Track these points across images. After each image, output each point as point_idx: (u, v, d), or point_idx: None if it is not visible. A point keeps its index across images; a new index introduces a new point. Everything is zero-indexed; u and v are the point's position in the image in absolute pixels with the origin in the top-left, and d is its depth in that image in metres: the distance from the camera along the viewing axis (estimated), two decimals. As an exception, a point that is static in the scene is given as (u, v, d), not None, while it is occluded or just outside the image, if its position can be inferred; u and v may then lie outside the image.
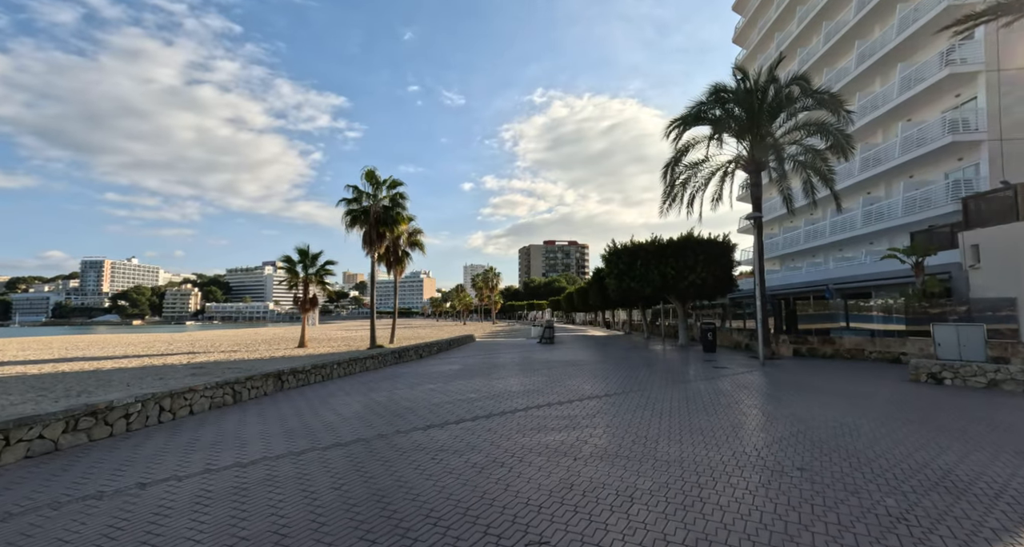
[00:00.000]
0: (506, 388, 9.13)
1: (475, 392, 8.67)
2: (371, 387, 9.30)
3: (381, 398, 8.13)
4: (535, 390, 8.87)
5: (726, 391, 8.65)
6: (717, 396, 8.11)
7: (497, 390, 8.90)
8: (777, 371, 11.43)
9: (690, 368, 12.32)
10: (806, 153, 14.39)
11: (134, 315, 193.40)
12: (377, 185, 24.62)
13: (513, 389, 9.02)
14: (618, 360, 14.53)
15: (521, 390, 8.90)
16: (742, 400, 7.81)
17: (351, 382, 10.08)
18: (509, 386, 9.41)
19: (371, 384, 9.76)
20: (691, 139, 16.25)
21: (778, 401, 7.66)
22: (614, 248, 21.44)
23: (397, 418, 6.54)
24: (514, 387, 9.28)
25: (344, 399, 8.06)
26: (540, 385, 9.50)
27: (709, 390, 8.74)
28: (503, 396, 8.25)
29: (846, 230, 26.24)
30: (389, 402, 7.72)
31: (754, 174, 15.23)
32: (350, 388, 9.19)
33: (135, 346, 28.39)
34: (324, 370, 10.05)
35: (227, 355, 21.35)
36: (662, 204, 17.52)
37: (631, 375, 10.90)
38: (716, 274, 19.28)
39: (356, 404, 7.55)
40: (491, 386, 9.41)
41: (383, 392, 8.76)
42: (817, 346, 15.20)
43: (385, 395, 8.39)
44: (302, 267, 27.03)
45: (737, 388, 9.01)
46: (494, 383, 9.84)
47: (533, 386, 9.38)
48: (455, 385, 9.62)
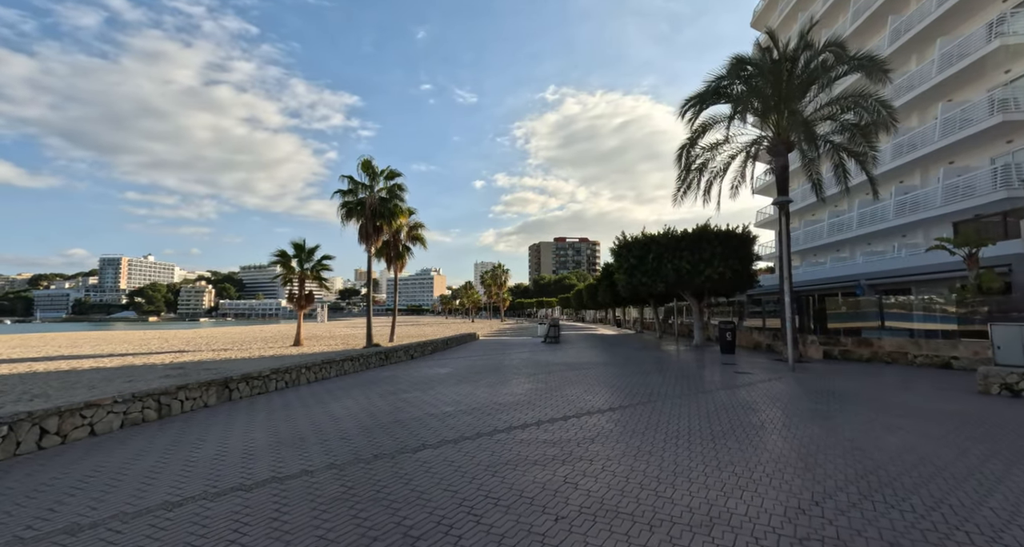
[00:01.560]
0: (492, 399, 7.77)
1: (454, 404, 7.32)
2: (335, 397, 8.01)
3: (339, 412, 6.83)
4: (527, 402, 7.50)
5: (756, 404, 7.18)
6: (746, 412, 6.66)
7: (480, 402, 7.54)
8: (811, 378, 9.90)
9: (709, 373, 10.85)
10: (843, 130, 12.70)
11: (150, 312, 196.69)
12: (374, 176, 23.43)
13: (501, 400, 7.67)
14: (627, 363, 13.10)
15: (510, 402, 7.54)
16: (778, 418, 6.34)
17: (317, 390, 8.82)
18: (497, 396, 8.05)
19: (338, 393, 8.48)
20: (708, 119, 14.66)
21: (825, 420, 6.17)
22: (624, 241, 19.93)
23: (343, 444, 5.20)
24: (503, 398, 7.92)
25: (291, 415, 6.77)
26: (534, 395, 8.13)
27: (734, 402, 7.29)
28: (486, 410, 6.89)
29: (875, 222, 24.39)
30: (345, 419, 6.41)
31: (781, 156, 13.61)
32: (310, 399, 7.91)
33: (130, 344, 27.69)
34: (288, 375, 8.81)
35: (216, 354, 20.40)
36: (676, 192, 15.97)
37: (641, 381, 9.47)
38: (735, 268, 17.68)
39: (303, 421, 6.25)
40: (476, 396, 8.07)
41: (346, 404, 7.47)
42: (851, 348, 13.57)
43: (345, 409, 7.09)
44: (297, 262, 25.99)
45: (769, 400, 7.53)
46: (481, 392, 8.50)
47: (525, 396, 8.01)
48: (436, 394, 8.29)
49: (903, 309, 15.06)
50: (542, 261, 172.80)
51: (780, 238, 12.86)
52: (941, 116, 19.95)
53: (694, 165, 15.10)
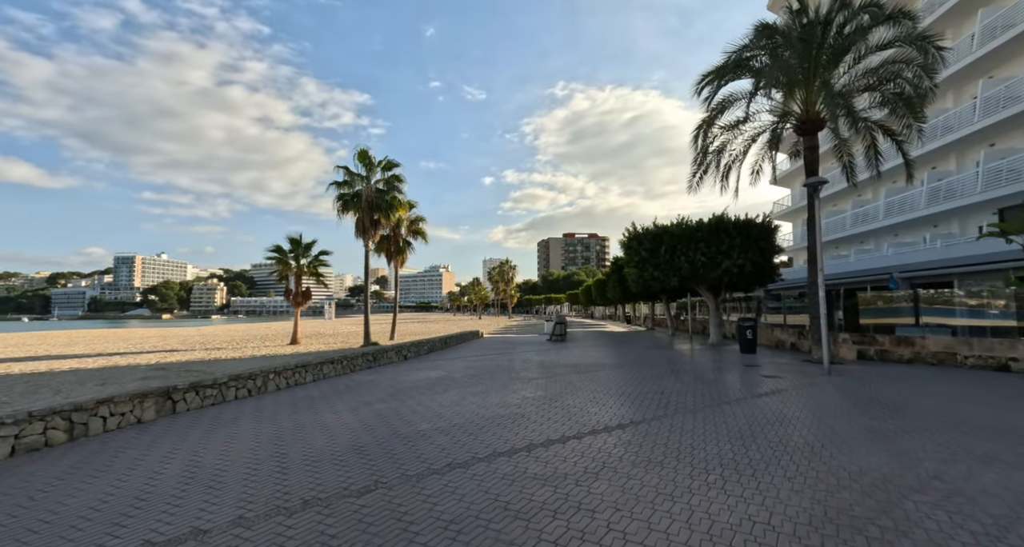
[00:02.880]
0: (480, 412, 6.62)
1: (433, 420, 6.18)
2: (297, 410, 6.90)
3: (289, 433, 5.71)
4: (521, 415, 6.34)
5: (795, 419, 5.94)
6: (785, 429, 5.42)
7: (466, 416, 6.39)
8: (851, 383, 8.60)
9: (730, 376, 9.60)
10: (883, 104, 11.23)
11: (163, 309, 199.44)
12: (371, 167, 22.36)
13: (491, 413, 6.51)
14: (638, 364, 11.87)
15: (502, 415, 6.38)
16: (829, 439, 5.09)
17: (283, 400, 7.74)
18: (487, 408, 6.90)
19: (303, 405, 7.38)
20: (727, 97, 13.28)
21: (890, 443, 4.91)
22: (635, 232, 18.61)
23: (267, 485, 4.01)
24: (493, 409, 6.76)
25: (234, 434, 5.66)
26: (531, 406, 6.97)
27: (768, 416, 6.05)
28: (469, 428, 5.74)
29: (904, 211, 22.81)
30: (292, 442, 5.27)
31: (809, 135, 12.22)
32: (267, 412, 6.82)
33: (126, 342, 27.08)
34: (252, 382, 7.74)
35: (207, 354, 19.62)
36: (691, 177, 14.62)
37: (654, 387, 8.26)
38: (755, 261, 16.31)
39: (239, 447, 5.11)
40: (462, 408, 6.92)
41: (304, 420, 6.35)
42: (889, 348, 12.18)
43: (299, 427, 5.97)
44: (294, 257, 25.09)
45: (810, 413, 6.27)
46: (469, 402, 7.35)
47: (520, 408, 6.84)
48: (417, 405, 7.16)
49: (945, 303, 13.62)
50: (551, 257, 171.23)
51: (813, 225, 11.52)
52: (982, 94, 18.29)
53: (711, 148, 13.74)
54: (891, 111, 11.00)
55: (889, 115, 11.55)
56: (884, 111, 11.80)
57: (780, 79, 12.16)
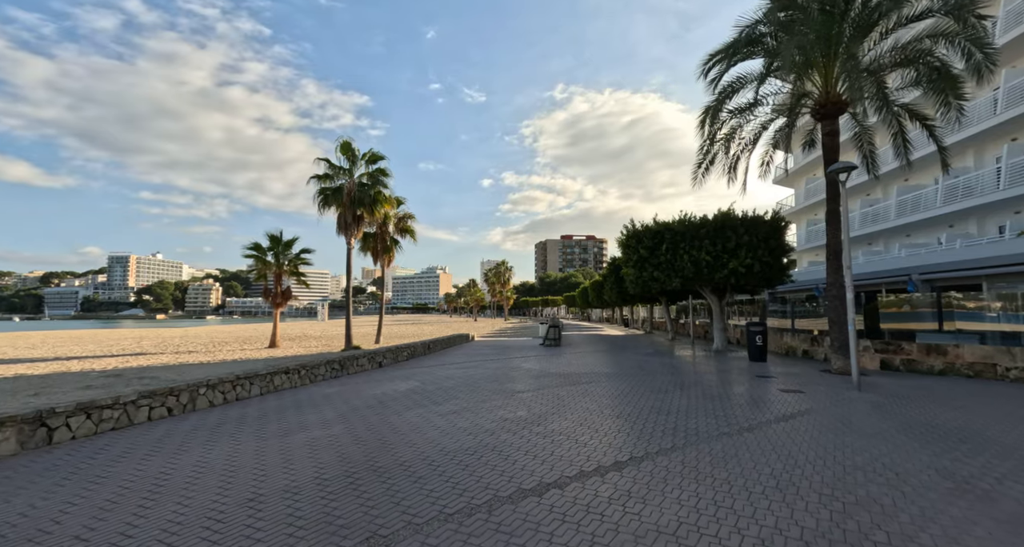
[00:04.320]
0: (438, 442, 5.29)
1: (374, 456, 4.85)
2: (218, 436, 5.56)
3: (181, 475, 4.39)
4: (489, 448, 5.01)
5: (844, 459, 4.62)
6: (835, 472, 4.11)
7: (418, 449, 5.07)
8: (888, 401, 7.30)
9: (745, 390, 8.31)
10: (917, 82, 9.96)
11: (158, 309, 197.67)
12: (354, 160, 21.08)
13: (452, 444, 5.18)
14: (637, 374, 10.57)
15: (463, 448, 5.06)
16: (904, 497, 3.78)
17: (212, 419, 6.41)
18: (449, 436, 5.58)
19: (224, 430, 6.02)
20: (737, 78, 12.05)
21: (987, 499, 3.61)
22: (633, 230, 17.34)
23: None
24: (455, 439, 5.44)
25: (104, 477, 4.34)
26: (505, 433, 5.65)
27: (807, 453, 4.74)
28: (416, 469, 4.42)
29: (918, 211, 21.63)
30: (166, 496, 3.97)
31: (829, 119, 10.97)
32: (180, 437, 5.48)
33: (97, 344, 25.70)
34: (175, 398, 6.38)
35: (176, 358, 18.35)
36: (696, 168, 13.37)
37: (658, 406, 6.96)
38: (764, 260, 15.04)
39: (95, 498, 3.80)
40: (419, 436, 5.59)
41: (212, 455, 5.01)
42: (918, 357, 10.92)
43: (198, 468, 4.65)
44: (273, 255, 23.76)
45: (861, 450, 4.96)
46: (431, 426, 6.03)
47: (491, 436, 5.52)
48: (364, 429, 5.84)
49: (975, 308, 12.38)
50: (548, 259, 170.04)
51: (834, 218, 10.29)
52: (1005, 84, 17.13)
53: (719, 135, 12.48)
54: (929, 88, 9.72)
55: (924, 94, 10.29)
56: (914, 93, 10.55)
57: (797, 58, 10.90)
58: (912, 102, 11.46)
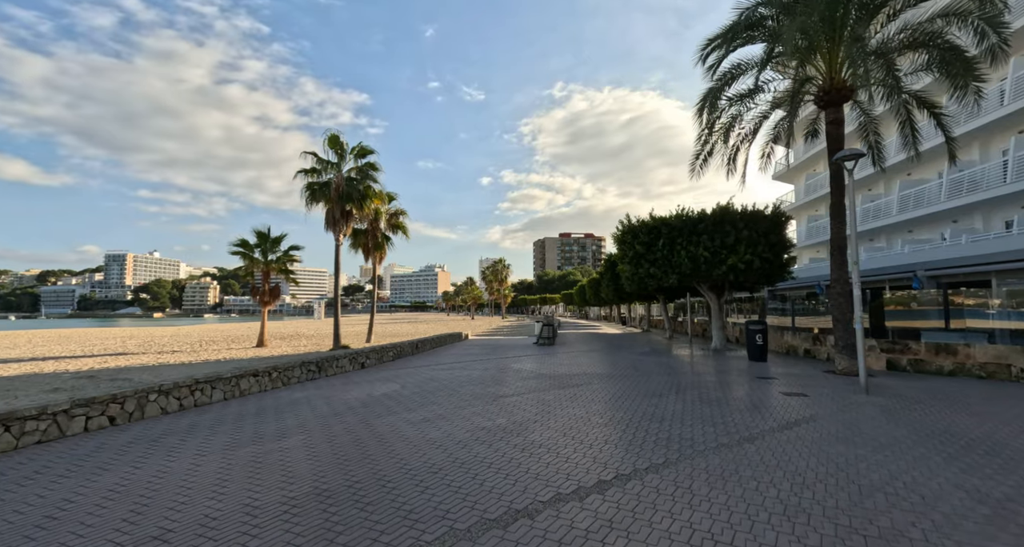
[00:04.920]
0: (403, 456, 4.73)
1: (324, 475, 4.29)
2: (153, 450, 5.00)
3: (93, 499, 3.84)
4: (458, 463, 4.46)
5: (857, 474, 4.06)
6: (850, 493, 3.56)
7: (375, 466, 4.50)
8: (903, 407, 6.75)
9: (745, 393, 7.76)
10: (930, 64, 9.35)
11: (155, 308, 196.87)
12: (342, 154, 20.46)
13: (416, 459, 4.62)
14: (631, 375, 10.02)
15: (429, 464, 4.50)
16: (935, 528, 3.23)
17: (158, 429, 5.83)
18: (416, 449, 5.02)
19: (174, 440, 5.45)
20: (736, 64, 11.46)
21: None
22: (629, 225, 16.78)
23: None
24: (423, 452, 4.88)
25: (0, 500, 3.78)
26: (479, 446, 5.09)
27: (816, 468, 4.18)
28: (363, 494, 3.86)
29: (920, 206, 21.11)
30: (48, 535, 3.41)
31: (834, 106, 10.41)
32: (110, 453, 4.91)
33: (80, 344, 25.12)
34: (119, 406, 5.80)
35: (159, 357, 17.85)
36: (694, 159, 12.81)
37: (652, 412, 6.42)
38: (764, 256, 14.50)
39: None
40: (384, 447, 5.03)
41: (153, 464, 4.45)
42: (926, 357, 10.38)
43: (115, 488, 4.10)
44: (260, 252, 23.17)
45: (876, 463, 4.40)
46: (398, 437, 5.47)
47: (464, 449, 4.97)
48: (323, 440, 5.28)
49: (983, 305, 11.87)
50: (547, 257, 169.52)
51: (839, 211, 9.74)
52: (1013, 74, 16.57)
53: (717, 124, 11.90)
54: (942, 72, 9.13)
55: (937, 80, 9.72)
56: (924, 80, 9.97)
57: (799, 41, 10.32)
58: (921, 90, 10.90)
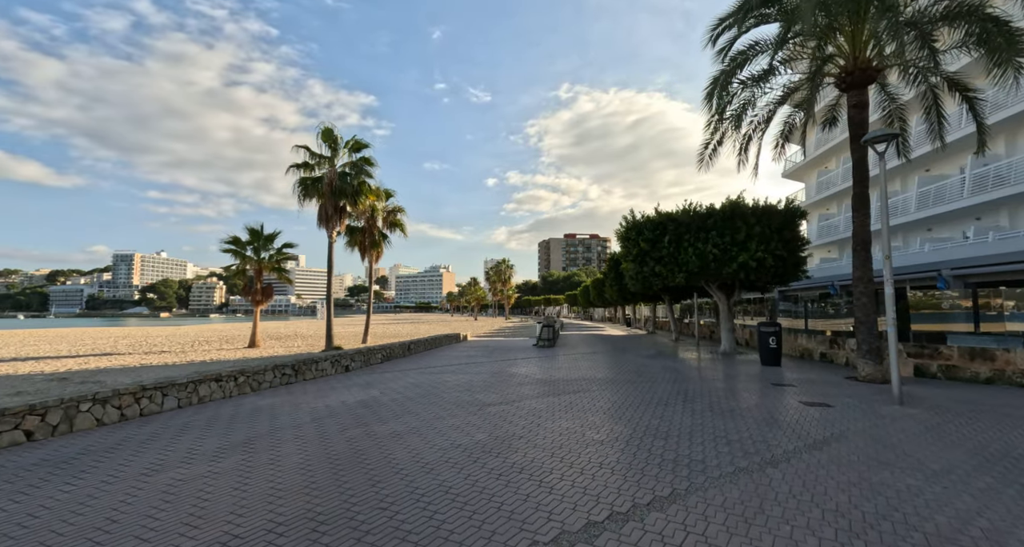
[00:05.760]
0: (352, 486, 3.93)
1: (243, 509, 3.50)
2: (42, 481, 4.19)
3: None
4: (415, 498, 3.65)
5: (914, 516, 3.22)
6: (917, 543, 2.74)
7: (316, 501, 3.72)
8: (945, 421, 5.86)
9: (760, 405, 6.90)
10: (967, 38, 8.40)
11: (162, 308, 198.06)
12: (336, 148, 19.75)
13: (365, 493, 3.82)
14: (635, 381, 9.17)
15: (382, 497, 3.69)
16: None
17: (76, 445, 5.06)
18: (373, 473, 4.22)
19: (88, 461, 4.71)
20: (749, 45, 10.58)
21: None
22: (633, 221, 15.91)
23: None
24: (376, 482, 4.08)
25: None
26: (447, 471, 4.28)
27: (864, 506, 3.31)
28: (296, 535, 3.07)
29: (942, 202, 20.07)
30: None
31: (857, 89, 9.51)
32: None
33: (71, 343, 24.63)
34: (38, 419, 5.05)
35: (145, 358, 17.28)
36: (703, 150, 11.94)
37: (656, 424, 5.58)
38: (776, 253, 13.59)
39: None
40: (334, 471, 4.24)
41: (18, 508, 3.69)
42: (959, 362, 9.45)
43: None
44: (253, 250, 22.52)
45: (933, 500, 3.55)
46: (362, 454, 4.67)
47: (428, 475, 4.16)
48: (264, 462, 4.50)
49: (1018, 307, 10.90)
50: (551, 258, 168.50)
51: (862, 204, 8.86)
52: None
53: (728, 110, 11.02)
54: (984, 47, 8.18)
55: (977, 58, 8.80)
56: (959, 61, 9.08)
57: (819, 19, 9.44)
58: (955, 72, 10.00)
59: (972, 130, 18.01)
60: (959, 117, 18.07)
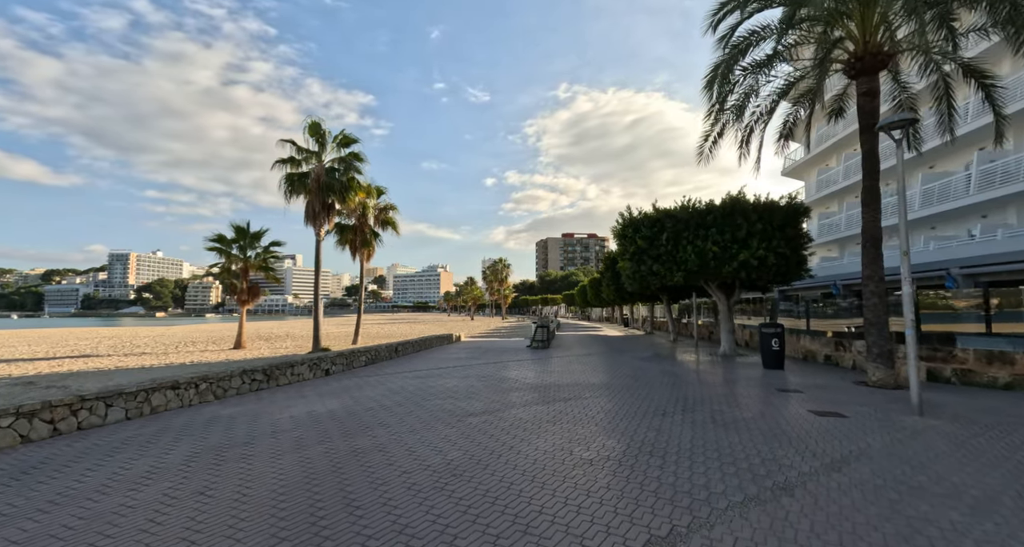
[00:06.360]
0: (282, 523, 3.32)
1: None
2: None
3: None
4: (362, 541, 3.05)
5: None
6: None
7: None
8: (974, 435, 5.25)
9: (764, 413, 6.31)
10: (998, 18, 7.81)
11: (157, 307, 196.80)
12: (323, 142, 19.13)
13: (299, 542, 3.22)
14: (631, 387, 8.57)
15: (319, 534, 3.09)
16: None
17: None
18: (314, 506, 3.60)
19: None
20: (751, 31, 9.99)
21: None
22: (630, 218, 15.31)
23: None
24: (317, 523, 3.46)
25: None
26: (408, 495, 3.66)
27: (891, 540, 2.75)
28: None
29: (946, 200, 19.56)
30: None
31: (867, 75, 8.92)
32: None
33: (51, 344, 23.94)
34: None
35: (125, 360, 16.68)
36: (702, 143, 11.35)
37: (648, 442, 4.98)
38: (779, 251, 13.02)
39: None
40: (273, 501, 3.63)
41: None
42: (975, 367, 8.88)
43: None
44: (239, 249, 21.87)
45: (990, 527, 2.97)
46: (309, 479, 4.06)
47: (381, 508, 3.56)
48: (193, 492, 3.88)
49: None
50: (549, 258, 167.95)
51: (872, 198, 8.27)
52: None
53: (729, 99, 10.42)
54: (1005, 25, 7.62)
55: (999, 43, 8.23)
56: (977, 47, 8.48)
57: (828, 2, 8.85)
58: (972, 59, 9.44)
59: (978, 126, 17.61)
60: (964, 111, 17.55)
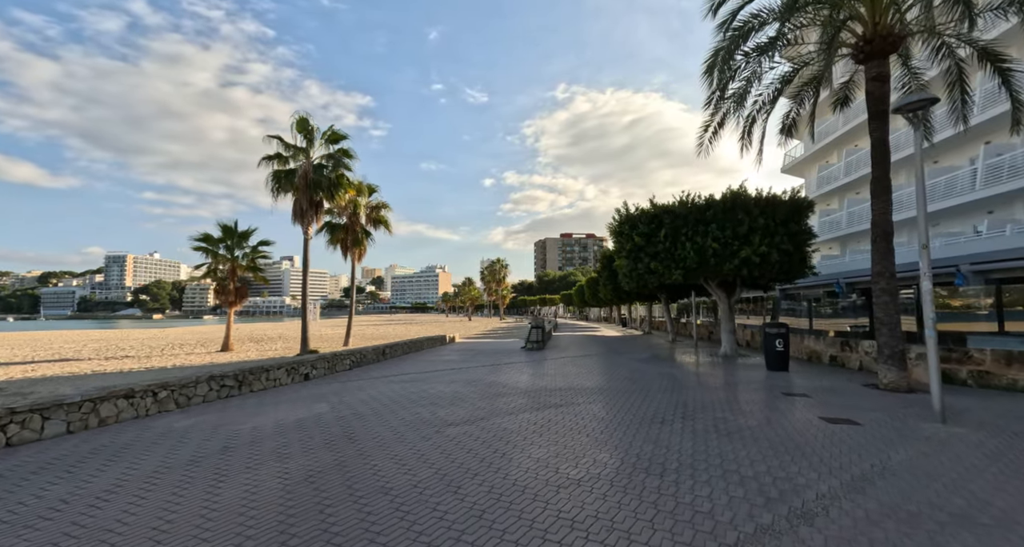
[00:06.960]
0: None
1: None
2: None
3: None
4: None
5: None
6: None
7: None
8: (1009, 446, 4.71)
9: (772, 420, 5.76)
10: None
11: (155, 309, 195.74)
12: (311, 139, 18.57)
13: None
14: (628, 390, 8.03)
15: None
16: None
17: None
18: (248, 542, 3.05)
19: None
20: (753, 14, 9.46)
21: None
22: (627, 214, 14.78)
23: None
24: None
25: None
26: (361, 535, 3.13)
27: None
28: None
29: (951, 195, 19.09)
30: None
31: (877, 59, 8.39)
32: None
33: (40, 348, 23.33)
34: None
35: (105, 364, 16.21)
36: (702, 133, 10.82)
37: (645, 457, 4.43)
38: (782, 247, 12.49)
39: None
40: (199, 538, 3.07)
41: None
42: (992, 368, 8.35)
43: None
44: (226, 248, 21.29)
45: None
46: (252, 506, 3.51)
47: (323, 542, 3.01)
48: (103, 524, 3.33)
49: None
50: (548, 258, 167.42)
51: (882, 189, 7.74)
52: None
53: (730, 87, 9.88)
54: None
55: (1019, 25, 7.72)
56: (999, 28, 8.00)
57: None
58: (990, 42, 8.93)
59: (985, 118, 17.09)
60: (971, 103, 17.05)
